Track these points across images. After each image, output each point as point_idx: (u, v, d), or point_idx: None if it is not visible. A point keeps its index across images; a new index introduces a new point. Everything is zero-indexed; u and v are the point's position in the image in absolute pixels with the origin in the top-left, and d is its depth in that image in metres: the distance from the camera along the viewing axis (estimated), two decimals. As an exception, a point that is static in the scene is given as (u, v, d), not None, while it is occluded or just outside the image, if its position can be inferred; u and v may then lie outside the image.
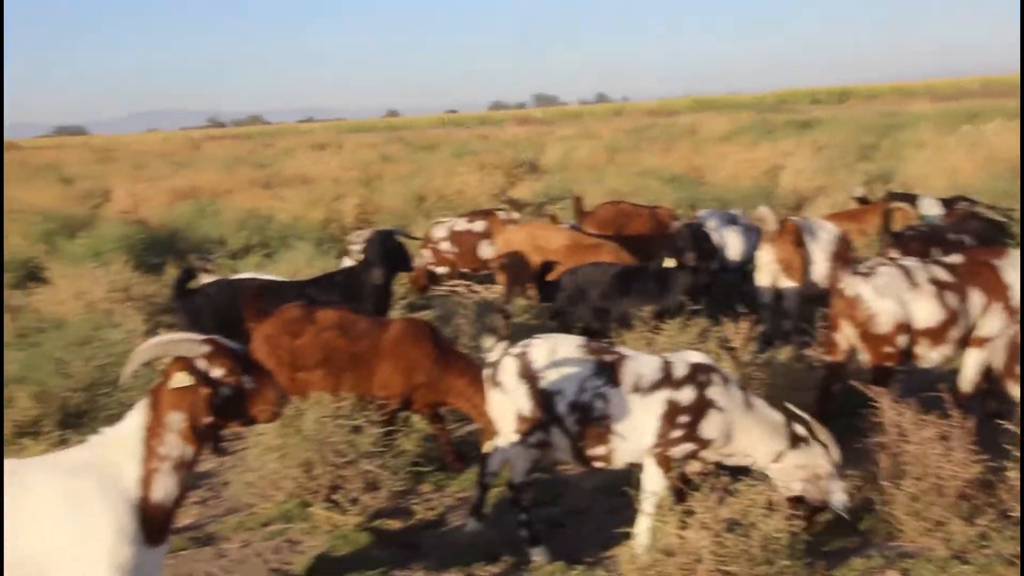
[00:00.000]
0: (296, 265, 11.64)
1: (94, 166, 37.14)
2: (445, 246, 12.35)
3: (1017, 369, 6.29)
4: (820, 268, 9.50)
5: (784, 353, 7.07)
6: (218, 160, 33.84)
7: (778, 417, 5.40)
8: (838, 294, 6.65)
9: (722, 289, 10.07)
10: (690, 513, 4.82)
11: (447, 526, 6.04)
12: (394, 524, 6.03)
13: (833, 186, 16.26)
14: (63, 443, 6.66)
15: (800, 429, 5.39)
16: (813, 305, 8.92)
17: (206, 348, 3.81)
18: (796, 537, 4.81)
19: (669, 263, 8.15)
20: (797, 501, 5.29)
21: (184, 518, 6.28)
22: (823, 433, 5.37)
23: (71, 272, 11.64)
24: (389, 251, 8.02)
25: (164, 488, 3.73)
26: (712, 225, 10.66)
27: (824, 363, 6.96)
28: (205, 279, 8.72)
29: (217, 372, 3.81)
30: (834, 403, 6.74)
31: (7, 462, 3.78)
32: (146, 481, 3.71)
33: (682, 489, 5.26)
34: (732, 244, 10.61)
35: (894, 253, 8.49)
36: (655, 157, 23.03)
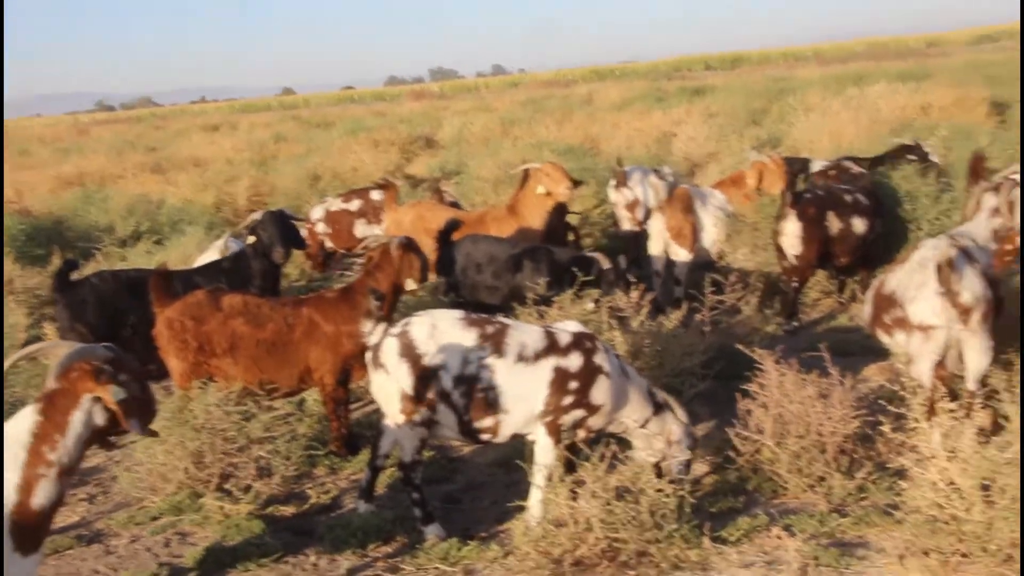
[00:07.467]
0: (187, 250, 11.41)
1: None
2: (321, 227, 12.24)
3: None
4: (710, 235, 9.66)
5: (673, 320, 7.16)
6: (106, 144, 32.95)
7: (644, 382, 5.53)
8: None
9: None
10: (580, 483, 4.88)
11: (342, 509, 6.01)
12: (288, 510, 5.98)
13: (724, 152, 16.49)
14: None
15: (660, 395, 5.52)
16: (702, 271, 9.08)
17: None
18: (683, 501, 4.90)
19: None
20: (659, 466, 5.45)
21: (70, 516, 6.16)
22: (672, 401, 5.56)
23: (-54, 266, 11.24)
24: (288, 229, 7.94)
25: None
26: (635, 179, 10.73)
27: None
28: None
29: None
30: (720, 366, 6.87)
31: None
32: None
33: (572, 460, 5.31)
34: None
35: (792, 215, 8.69)
36: (551, 128, 23.04)
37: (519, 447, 5.71)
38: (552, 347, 5.33)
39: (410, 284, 6.61)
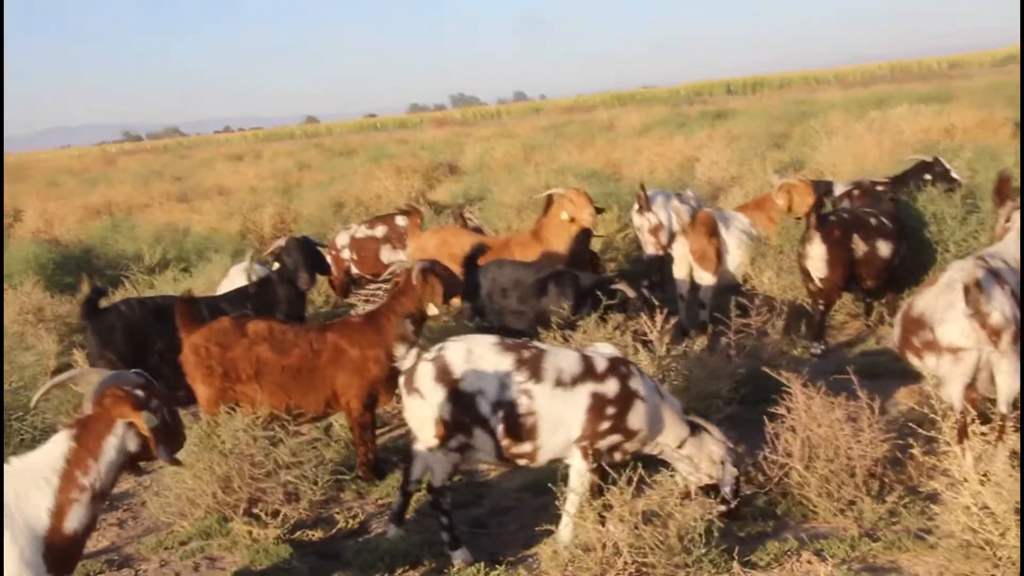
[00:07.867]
0: (213, 278, 11.49)
1: (6, 185, 36.33)
2: (346, 253, 12.28)
3: None
4: (734, 258, 9.65)
5: (699, 343, 7.14)
6: (134, 174, 33.35)
7: (678, 404, 5.52)
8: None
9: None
10: (608, 507, 4.86)
11: (369, 533, 6.00)
12: (316, 534, 5.97)
13: (747, 176, 16.47)
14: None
15: (693, 417, 5.52)
16: (728, 295, 9.06)
17: None
18: (712, 525, 4.88)
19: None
20: (708, 488, 5.41)
21: (100, 541, 6.19)
22: (704, 422, 5.55)
23: (-20, 295, 11.35)
24: (312, 255, 8.01)
25: None
26: (659, 203, 10.79)
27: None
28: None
29: None
30: (747, 390, 6.84)
31: None
32: None
33: (600, 484, 5.29)
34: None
35: (817, 237, 8.67)
36: (572, 154, 23.10)
37: (547, 471, 5.68)
38: (589, 372, 5.30)
39: (432, 309, 6.62)
